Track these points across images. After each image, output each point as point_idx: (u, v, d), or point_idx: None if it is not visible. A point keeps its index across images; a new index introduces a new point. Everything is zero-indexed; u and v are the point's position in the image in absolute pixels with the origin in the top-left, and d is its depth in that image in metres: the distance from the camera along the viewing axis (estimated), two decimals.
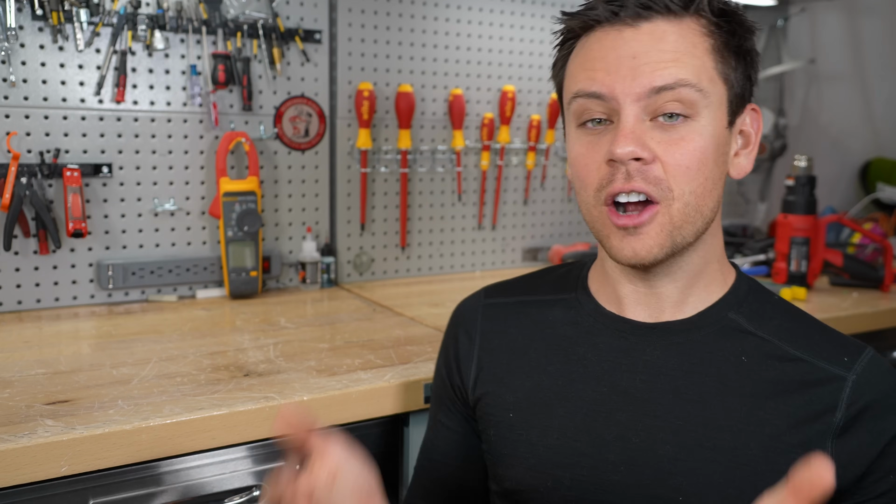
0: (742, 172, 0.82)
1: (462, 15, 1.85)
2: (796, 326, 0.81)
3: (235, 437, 0.97)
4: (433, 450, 0.96)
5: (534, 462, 0.82)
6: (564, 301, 0.89)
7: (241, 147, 1.60)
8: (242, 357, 1.18)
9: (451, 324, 0.97)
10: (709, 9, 0.75)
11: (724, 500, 0.74)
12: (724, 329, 0.80)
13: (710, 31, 0.76)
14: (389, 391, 1.08)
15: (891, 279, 1.74)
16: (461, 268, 1.94)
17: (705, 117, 0.75)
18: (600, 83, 0.75)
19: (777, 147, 2.40)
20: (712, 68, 0.76)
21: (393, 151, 1.80)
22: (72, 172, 1.42)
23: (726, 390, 0.77)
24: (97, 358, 1.16)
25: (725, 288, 0.83)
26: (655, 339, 0.81)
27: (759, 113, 0.83)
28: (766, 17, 2.38)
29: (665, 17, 0.75)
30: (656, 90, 0.73)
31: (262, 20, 1.59)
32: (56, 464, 0.86)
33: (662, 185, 0.74)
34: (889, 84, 2.78)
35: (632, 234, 0.76)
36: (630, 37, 0.75)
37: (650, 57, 0.73)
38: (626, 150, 0.73)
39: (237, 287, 1.56)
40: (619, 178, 0.75)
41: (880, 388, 0.76)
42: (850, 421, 0.74)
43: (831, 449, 0.74)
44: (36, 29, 1.41)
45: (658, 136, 0.74)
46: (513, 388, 0.86)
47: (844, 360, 0.77)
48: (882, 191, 2.52)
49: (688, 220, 0.76)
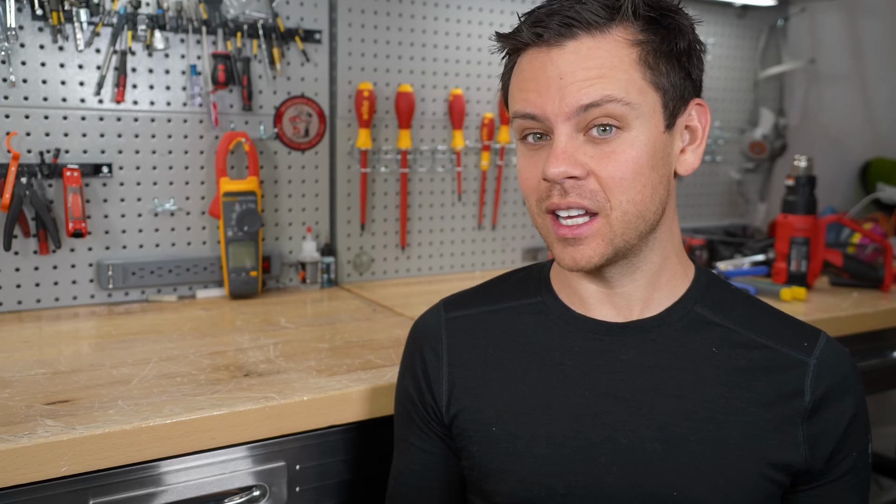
0: (690, 169, 0.83)
1: (462, 15, 1.86)
2: (756, 314, 0.84)
3: (235, 437, 0.97)
4: (409, 474, 0.93)
5: (525, 473, 0.81)
6: (531, 306, 0.89)
7: (241, 147, 1.60)
8: (242, 357, 1.18)
9: (412, 343, 0.95)
10: (633, 16, 0.75)
11: (716, 490, 0.76)
12: (692, 322, 0.83)
13: (636, 41, 0.76)
14: (389, 391, 1.08)
15: (891, 279, 1.74)
16: (461, 268, 1.94)
17: (637, 127, 0.76)
18: (533, 104, 0.77)
19: (777, 147, 2.40)
20: (640, 79, 0.76)
21: (393, 151, 1.80)
22: (72, 172, 1.42)
23: (702, 382, 0.79)
24: (97, 358, 1.16)
25: (687, 282, 0.85)
26: (628, 337, 0.83)
27: (705, 107, 0.82)
28: (766, 17, 2.38)
29: (589, 33, 0.75)
30: (584, 108, 0.74)
31: (262, 20, 1.59)
32: (56, 464, 0.86)
33: (598, 197, 0.76)
34: (889, 84, 2.78)
35: (571, 245, 0.78)
36: (556, 57, 0.76)
37: (576, 76, 0.74)
38: (558, 171, 0.75)
39: (237, 287, 1.56)
40: (555, 194, 0.77)
41: (838, 371, 0.80)
42: (817, 403, 0.78)
43: (802, 431, 0.78)
44: (36, 29, 1.41)
45: (591, 150, 0.76)
46: (491, 401, 0.85)
47: (805, 345, 0.81)
48: (882, 191, 2.52)
49: (629, 226, 0.77)
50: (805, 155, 1.74)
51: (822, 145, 2.61)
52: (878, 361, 1.65)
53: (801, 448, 0.78)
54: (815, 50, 2.57)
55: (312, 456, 1.06)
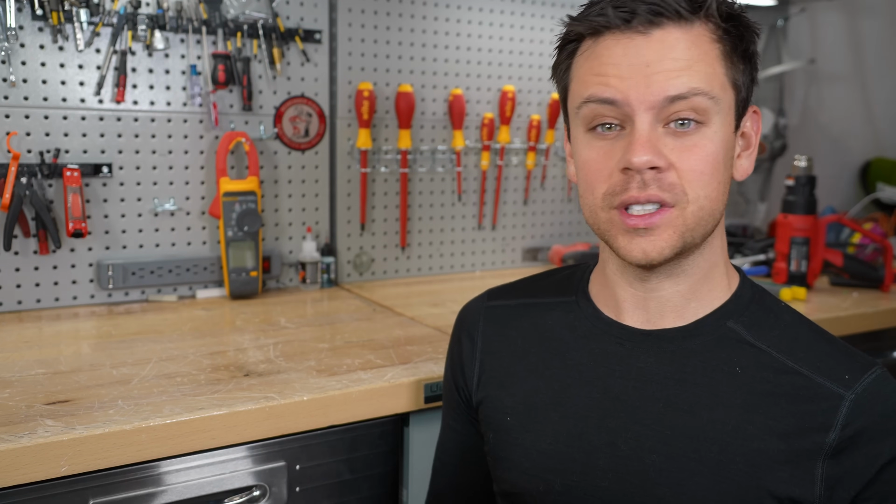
0: (744, 174, 0.82)
1: (462, 15, 1.85)
2: (800, 338, 0.79)
3: (235, 437, 0.97)
4: (444, 451, 0.99)
5: (528, 466, 0.83)
6: (564, 304, 0.89)
7: (241, 147, 1.60)
8: (242, 357, 1.18)
9: (456, 327, 0.98)
10: (717, 13, 0.75)
11: None
12: (721, 338, 0.79)
13: (718, 37, 0.75)
14: (389, 391, 1.08)
15: (891, 279, 1.74)
16: (461, 268, 1.94)
17: (716, 123, 0.75)
18: (614, 89, 0.74)
19: (777, 147, 2.40)
20: (723, 74, 0.75)
21: (393, 151, 1.80)
22: (72, 172, 1.42)
23: (716, 401, 0.76)
24: (97, 358, 1.16)
25: (728, 293, 0.82)
26: (649, 346, 0.81)
27: (759, 114, 0.83)
28: (766, 17, 2.38)
29: (676, 24, 0.74)
30: (670, 99, 0.73)
31: (262, 20, 1.59)
32: (56, 464, 0.86)
33: (677, 190, 0.74)
34: (889, 84, 2.78)
35: (642, 235, 0.75)
36: (642, 44, 0.74)
37: (663, 66, 0.73)
38: (644, 160, 0.72)
39: (237, 287, 1.56)
40: (633, 186, 0.74)
41: (880, 410, 0.74)
42: (844, 442, 0.72)
43: (821, 469, 0.72)
44: (36, 29, 1.41)
45: (671, 143, 0.74)
46: (511, 391, 0.87)
47: (846, 377, 0.75)
48: (882, 191, 2.52)
49: (700, 222, 0.76)
50: (805, 155, 1.74)
51: (822, 145, 2.61)
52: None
53: (816, 486, 0.72)
54: (815, 50, 2.57)
55: (312, 456, 1.06)
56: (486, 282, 0.99)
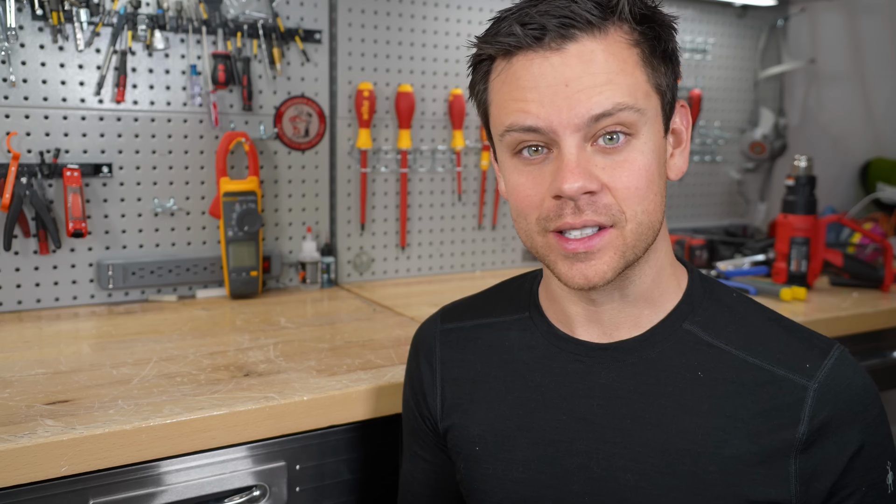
0: (679, 172, 0.79)
1: (462, 15, 1.85)
2: (754, 329, 0.77)
3: (235, 437, 0.97)
4: (413, 482, 0.94)
5: (502, 497, 0.80)
6: (519, 322, 0.86)
7: (241, 147, 1.60)
8: (242, 357, 1.18)
9: (412, 352, 0.94)
10: (630, 15, 0.71)
11: None
12: (679, 343, 0.77)
13: (635, 41, 0.72)
14: (389, 391, 1.08)
15: (891, 279, 1.74)
16: (461, 268, 1.94)
17: (645, 134, 0.72)
18: (535, 116, 0.70)
19: (777, 147, 2.40)
20: (645, 82, 0.72)
21: (393, 151, 1.80)
22: (72, 172, 1.42)
23: (683, 410, 0.74)
24: (97, 358, 1.16)
25: (680, 293, 0.80)
26: (609, 360, 0.78)
27: (686, 108, 0.80)
28: (766, 17, 2.38)
29: (589, 34, 0.70)
30: (595, 118, 0.69)
31: (262, 20, 1.59)
32: (56, 464, 0.86)
33: (613, 210, 0.71)
34: (889, 84, 2.78)
35: (582, 260, 0.72)
36: (557, 63, 0.69)
37: (583, 83, 0.69)
38: (575, 187, 0.69)
39: (237, 287, 1.56)
40: (567, 212, 0.71)
41: (844, 398, 0.72)
42: (813, 434, 0.71)
43: (794, 465, 0.71)
44: (36, 29, 1.41)
45: (601, 161, 0.71)
46: (476, 419, 0.84)
47: (806, 366, 0.73)
48: (882, 191, 2.53)
49: (641, 237, 0.73)
50: (805, 155, 1.74)
51: (822, 145, 2.61)
52: (878, 361, 1.65)
53: (790, 484, 0.71)
54: (815, 50, 2.57)
55: (312, 456, 1.06)
56: (486, 282, 0.99)
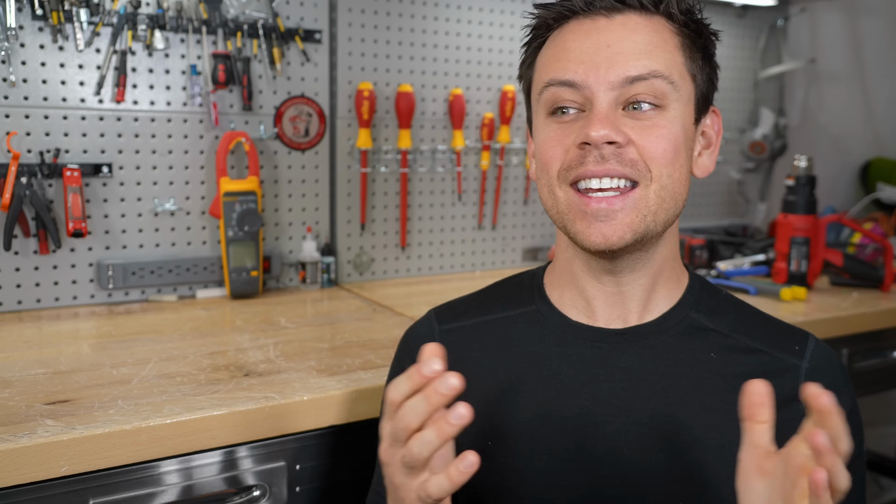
0: (705, 172, 0.83)
1: (462, 15, 1.85)
2: (747, 318, 0.84)
3: (235, 437, 0.97)
4: (384, 493, 0.87)
5: (525, 490, 0.78)
6: (525, 315, 0.86)
7: (241, 147, 1.60)
8: (242, 357, 1.18)
9: (404, 355, 0.91)
10: (678, 11, 0.77)
11: (721, 500, 0.73)
12: (688, 328, 0.81)
13: (678, 30, 0.78)
14: None
15: (891, 279, 1.74)
16: (461, 268, 1.94)
17: (675, 109, 0.76)
18: (573, 72, 0.75)
19: (777, 147, 2.40)
20: (682, 64, 0.77)
21: (393, 151, 1.80)
22: (72, 172, 1.42)
23: (703, 389, 0.77)
24: (97, 358, 1.16)
25: (682, 287, 0.84)
26: (627, 344, 0.80)
27: (719, 116, 0.84)
28: (766, 17, 2.38)
29: (637, 13, 0.76)
30: (630, 80, 0.73)
31: (262, 20, 1.59)
32: (56, 464, 0.86)
33: (639, 167, 0.74)
34: (889, 84, 2.78)
35: (602, 220, 0.74)
36: (604, 26, 0.75)
37: (624, 47, 0.74)
38: (602, 133, 0.72)
39: (238, 287, 1.56)
40: (590, 160, 0.73)
41: (829, 372, 0.79)
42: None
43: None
44: (36, 29, 1.41)
45: (630, 122, 0.74)
46: (486, 414, 0.81)
47: (795, 348, 0.80)
48: (882, 191, 2.53)
49: (663, 205, 0.75)
50: (805, 155, 1.74)
51: (822, 145, 2.61)
52: (878, 361, 1.65)
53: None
54: (815, 50, 2.57)
55: (312, 456, 1.06)
56: (487, 282, 0.98)
